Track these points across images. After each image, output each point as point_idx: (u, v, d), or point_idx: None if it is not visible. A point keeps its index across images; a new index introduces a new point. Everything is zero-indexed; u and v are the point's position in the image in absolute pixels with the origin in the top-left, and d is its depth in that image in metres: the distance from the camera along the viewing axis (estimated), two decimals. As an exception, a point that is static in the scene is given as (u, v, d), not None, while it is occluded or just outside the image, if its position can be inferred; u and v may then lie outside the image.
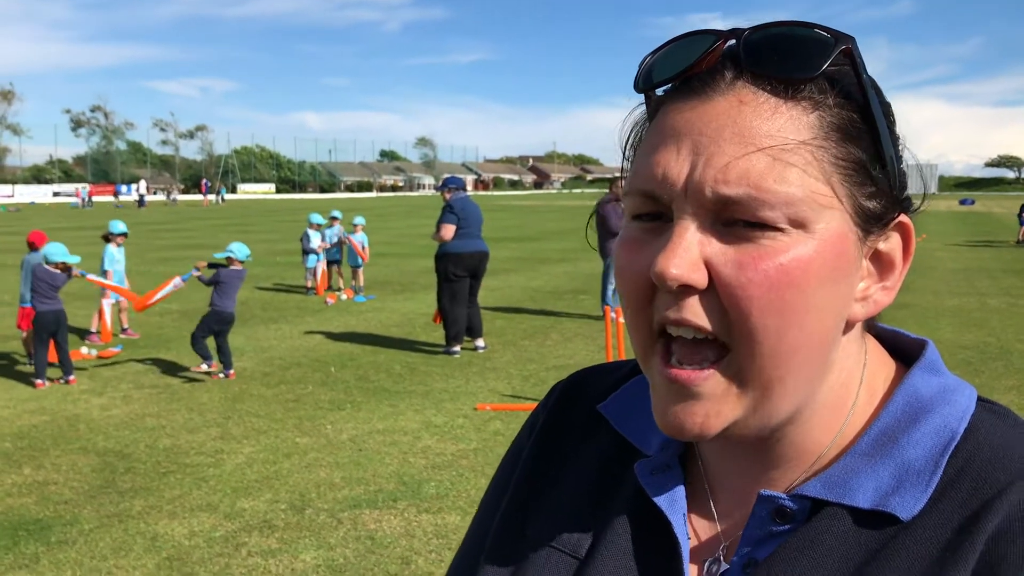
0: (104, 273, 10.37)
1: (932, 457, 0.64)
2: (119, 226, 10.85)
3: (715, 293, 0.60)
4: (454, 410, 7.29)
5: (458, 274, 9.57)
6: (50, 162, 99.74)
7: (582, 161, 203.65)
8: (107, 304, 10.36)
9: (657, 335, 0.64)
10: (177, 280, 8.99)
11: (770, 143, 0.59)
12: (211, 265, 8.80)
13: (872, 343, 0.72)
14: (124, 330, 10.78)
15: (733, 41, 0.63)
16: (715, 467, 0.73)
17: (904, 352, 0.74)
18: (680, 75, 0.64)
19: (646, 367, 0.67)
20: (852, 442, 0.67)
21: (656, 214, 0.64)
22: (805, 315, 0.60)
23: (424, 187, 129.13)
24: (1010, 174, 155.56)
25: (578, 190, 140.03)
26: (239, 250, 8.77)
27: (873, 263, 0.66)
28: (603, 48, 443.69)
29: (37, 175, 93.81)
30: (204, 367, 8.33)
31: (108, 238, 10.67)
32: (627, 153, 0.70)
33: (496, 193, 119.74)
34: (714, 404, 0.62)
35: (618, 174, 0.74)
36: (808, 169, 0.60)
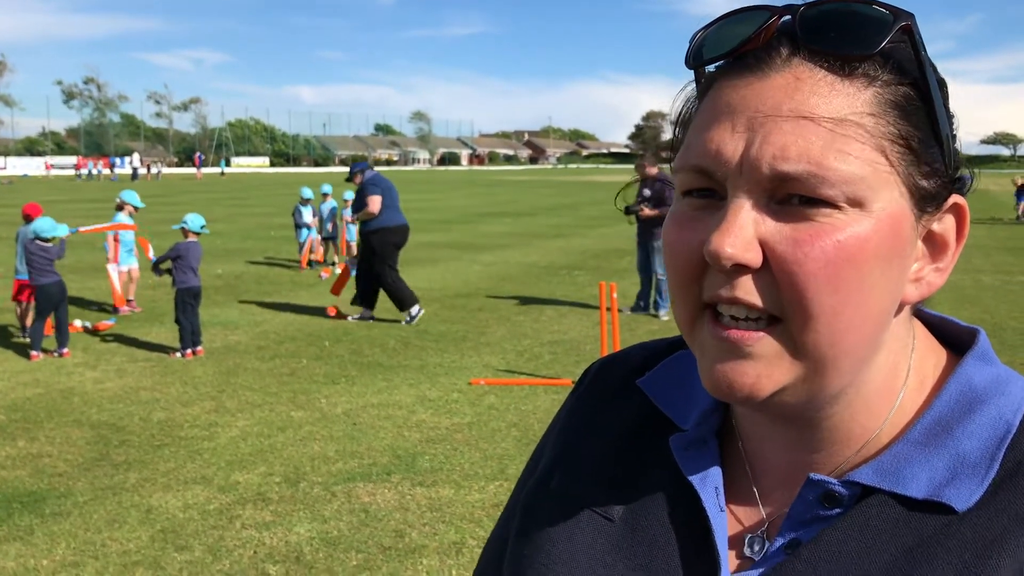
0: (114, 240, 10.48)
1: (988, 450, 0.63)
2: (135, 197, 10.81)
3: (769, 272, 0.60)
4: (448, 384, 7.30)
5: (390, 246, 9.78)
6: (43, 134, 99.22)
7: (578, 136, 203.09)
8: (114, 271, 10.39)
9: (705, 306, 0.63)
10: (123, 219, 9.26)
11: (829, 122, 0.59)
12: (156, 266, 8.73)
13: (920, 328, 0.71)
14: (129, 301, 10.72)
15: (788, 17, 0.62)
16: (756, 445, 0.72)
17: (953, 339, 0.73)
18: (734, 51, 0.63)
19: (692, 334, 0.66)
20: (904, 430, 0.66)
21: (707, 190, 0.63)
22: (860, 294, 0.60)
23: (419, 161, 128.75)
24: (1005, 151, 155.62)
25: (573, 165, 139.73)
26: (193, 221, 8.73)
27: (927, 244, 0.65)
28: (600, 23, 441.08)
29: (30, 147, 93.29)
30: (178, 356, 8.28)
31: (121, 206, 10.67)
32: (676, 132, 0.69)
33: (491, 168, 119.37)
34: (766, 366, 0.61)
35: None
36: (866, 146, 0.59)
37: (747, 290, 0.60)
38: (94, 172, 61.32)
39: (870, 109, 0.60)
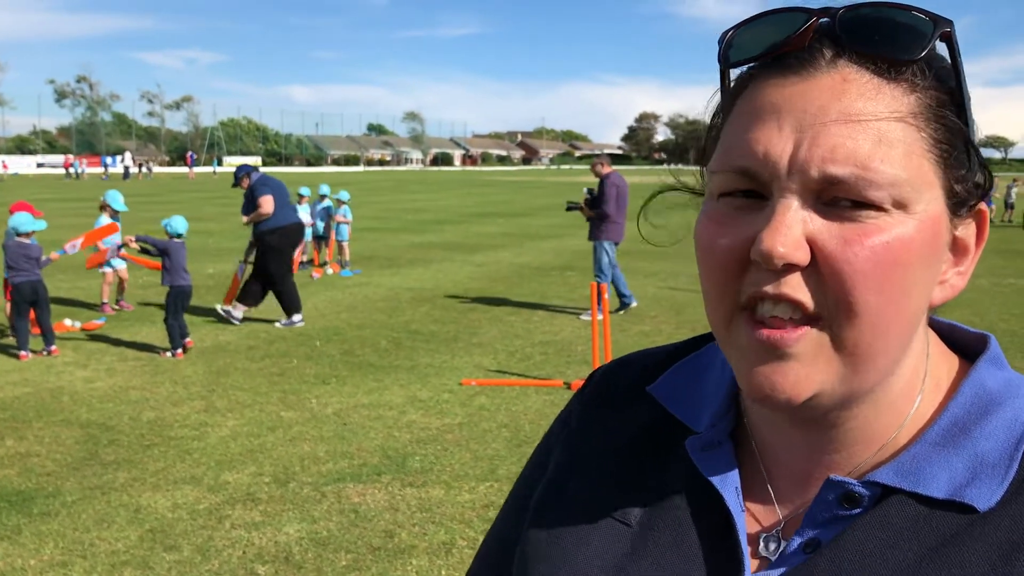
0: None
1: (1007, 450, 0.64)
2: (118, 200, 10.51)
3: (816, 270, 0.60)
4: (439, 385, 7.29)
5: (287, 246, 9.85)
6: (34, 132, 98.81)
7: (571, 137, 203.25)
8: (108, 272, 10.32)
9: (743, 307, 0.63)
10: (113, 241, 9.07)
11: (876, 125, 0.59)
12: (143, 250, 8.72)
13: (932, 335, 0.72)
14: (118, 301, 10.65)
15: (826, 19, 0.62)
16: (772, 446, 0.72)
17: (963, 345, 0.74)
18: (774, 51, 0.63)
19: (728, 336, 0.65)
20: (920, 431, 0.67)
21: (749, 191, 0.62)
22: (902, 294, 0.61)
23: (412, 161, 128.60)
24: (997, 154, 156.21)
25: (566, 166, 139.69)
26: (176, 224, 8.73)
27: (951, 247, 0.66)
28: (593, 24, 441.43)
29: (20, 145, 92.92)
30: (168, 355, 8.26)
31: (104, 208, 10.47)
32: (710, 133, 0.69)
33: (484, 168, 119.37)
34: (806, 366, 0.61)
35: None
36: (912, 150, 0.60)
37: (794, 286, 0.60)
38: (80, 171, 60.64)
39: (914, 113, 0.60)
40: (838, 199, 0.59)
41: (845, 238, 0.59)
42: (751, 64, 0.65)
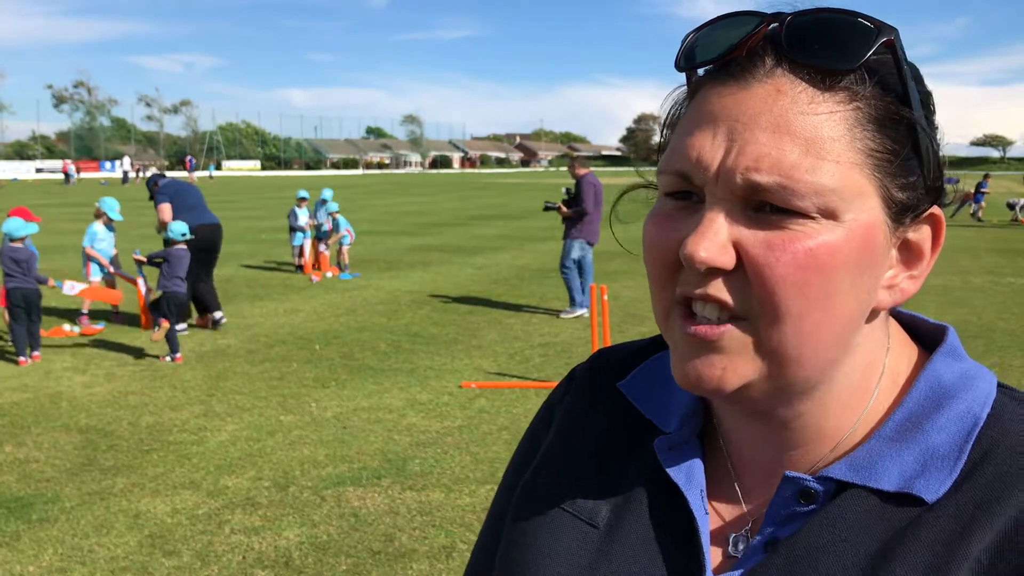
0: (84, 251, 10.17)
1: (956, 442, 0.65)
2: (114, 209, 10.25)
3: (741, 273, 0.62)
4: (439, 388, 7.28)
5: (205, 251, 9.63)
6: (32, 138, 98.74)
7: (569, 139, 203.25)
8: (96, 280, 10.13)
9: (678, 302, 0.66)
10: (140, 281, 8.92)
11: (805, 135, 0.60)
12: (150, 260, 8.70)
13: (895, 327, 0.73)
14: (82, 315, 9.85)
15: (775, 25, 0.63)
16: (737, 446, 0.73)
17: (924, 337, 0.74)
18: (720, 58, 0.64)
19: (666, 329, 0.68)
20: (876, 427, 0.68)
21: (688, 193, 0.65)
22: (828, 299, 0.61)
23: (411, 164, 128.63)
24: (995, 153, 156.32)
25: (565, 168, 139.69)
26: (177, 228, 8.72)
27: (902, 252, 0.66)
28: (592, 26, 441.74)
29: (19, 151, 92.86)
30: (168, 359, 8.23)
31: (99, 215, 10.27)
32: (664, 133, 0.71)
33: (483, 171, 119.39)
34: (731, 359, 0.63)
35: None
36: (841, 160, 0.60)
37: (719, 288, 0.62)
38: (73, 176, 59.93)
39: (849, 123, 0.61)
40: (765, 205, 0.61)
41: (769, 243, 0.60)
42: (706, 68, 0.66)
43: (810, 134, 0.60)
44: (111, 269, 10.08)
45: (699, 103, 0.65)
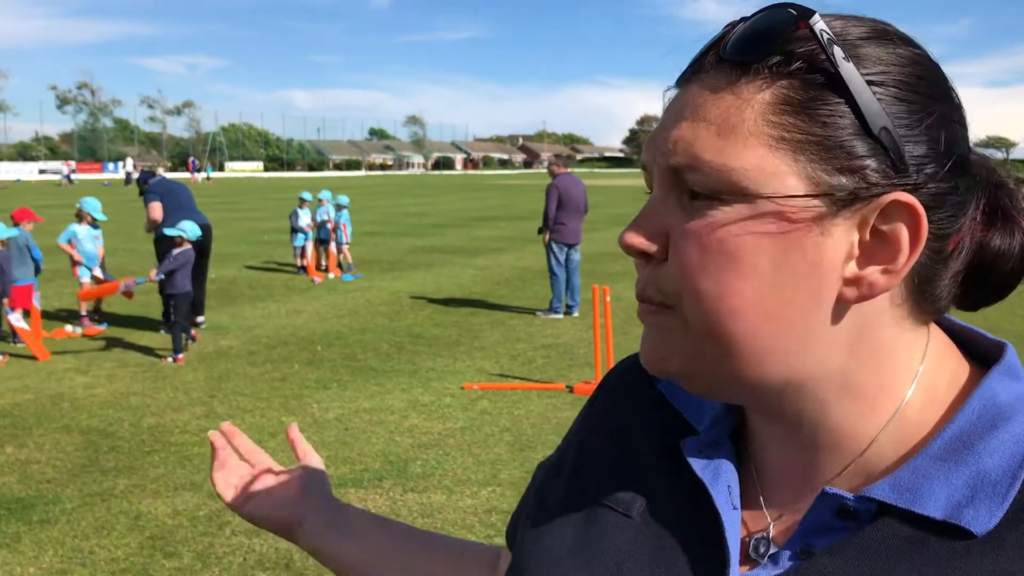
0: (59, 247, 10.01)
1: (1010, 468, 0.61)
2: (96, 209, 10.13)
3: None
4: (441, 389, 7.26)
5: (196, 251, 9.42)
6: (36, 139, 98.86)
7: (572, 140, 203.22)
8: (86, 281, 10.07)
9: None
10: (130, 281, 8.67)
11: (718, 121, 0.62)
12: (169, 275, 8.64)
13: (939, 337, 0.69)
14: (82, 316, 9.94)
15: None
16: (761, 448, 0.73)
17: (978, 351, 0.71)
18: (685, 73, 0.69)
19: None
20: (922, 443, 0.64)
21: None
22: (743, 282, 0.62)
23: (414, 166, 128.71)
24: (999, 155, 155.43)
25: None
26: (191, 230, 8.71)
27: (871, 243, 0.62)
28: (594, 27, 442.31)
29: (23, 152, 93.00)
30: (170, 360, 8.23)
31: (81, 216, 10.15)
32: None
33: (486, 172, 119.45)
34: (664, 339, 0.67)
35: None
36: (750, 143, 0.61)
37: (652, 274, 0.66)
38: (71, 177, 59.54)
39: (764, 108, 0.62)
40: (689, 192, 0.64)
41: (685, 230, 0.63)
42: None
43: (723, 119, 0.62)
44: (93, 271, 10.06)
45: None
